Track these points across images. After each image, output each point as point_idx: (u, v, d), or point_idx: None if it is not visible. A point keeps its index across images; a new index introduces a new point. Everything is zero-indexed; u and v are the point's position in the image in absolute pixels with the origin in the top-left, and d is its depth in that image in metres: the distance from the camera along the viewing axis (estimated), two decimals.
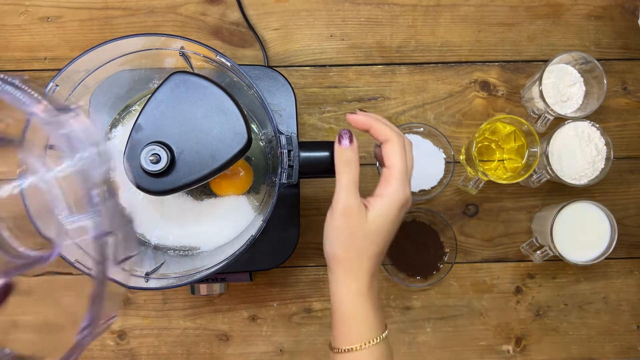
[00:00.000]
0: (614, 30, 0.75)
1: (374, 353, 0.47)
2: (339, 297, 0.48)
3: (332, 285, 0.49)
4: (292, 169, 0.49)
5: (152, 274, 0.49)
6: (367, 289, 0.48)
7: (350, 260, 0.47)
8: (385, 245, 0.48)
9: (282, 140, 0.48)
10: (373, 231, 0.47)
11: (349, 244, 0.47)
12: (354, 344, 0.47)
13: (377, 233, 0.47)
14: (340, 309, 0.48)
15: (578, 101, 0.71)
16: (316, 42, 0.74)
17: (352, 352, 0.47)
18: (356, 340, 0.47)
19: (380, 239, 0.47)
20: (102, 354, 0.74)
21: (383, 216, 0.47)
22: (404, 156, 0.48)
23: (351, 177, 0.47)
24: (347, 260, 0.47)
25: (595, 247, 0.68)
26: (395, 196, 0.47)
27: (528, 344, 0.75)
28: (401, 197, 0.47)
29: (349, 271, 0.47)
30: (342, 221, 0.46)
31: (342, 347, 0.48)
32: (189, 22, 0.74)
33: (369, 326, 0.47)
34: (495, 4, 0.75)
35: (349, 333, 0.47)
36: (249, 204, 0.58)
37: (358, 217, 0.46)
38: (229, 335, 0.74)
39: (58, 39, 0.74)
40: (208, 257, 0.54)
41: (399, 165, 0.47)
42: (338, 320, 0.48)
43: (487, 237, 0.75)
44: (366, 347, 0.47)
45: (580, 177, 0.68)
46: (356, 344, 0.47)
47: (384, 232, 0.47)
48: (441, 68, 0.75)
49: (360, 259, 0.47)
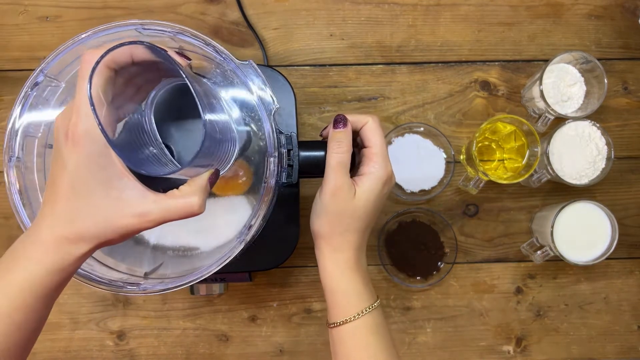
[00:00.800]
0: (614, 29, 0.75)
1: (368, 321, 0.48)
2: (327, 272, 0.50)
3: (320, 261, 0.50)
4: (292, 168, 0.49)
5: (151, 274, 0.49)
6: (353, 261, 0.49)
7: (336, 236, 0.49)
8: (371, 220, 0.50)
9: (282, 140, 0.48)
10: (360, 207, 0.48)
11: (336, 221, 0.48)
12: (348, 315, 0.48)
13: (363, 209, 0.48)
14: (330, 283, 0.49)
15: (578, 101, 0.71)
16: (316, 42, 0.74)
17: (347, 323, 0.48)
18: (350, 312, 0.48)
19: (366, 214, 0.49)
20: (102, 354, 0.74)
21: (368, 192, 0.48)
22: (382, 134, 0.50)
23: (341, 158, 0.48)
24: (333, 236, 0.49)
25: (595, 247, 0.68)
26: (379, 172, 0.49)
27: (528, 345, 0.75)
28: (383, 173, 0.49)
29: (336, 246, 0.49)
30: (331, 200, 0.48)
31: (337, 320, 0.49)
32: (188, 22, 0.74)
33: (360, 296, 0.49)
34: (496, 4, 0.74)
35: (342, 305, 0.49)
36: (248, 204, 0.58)
37: (347, 195, 0.48)
38: (228, 336, 0.74)
39: (57, 38, 0.73)
40: (207, 257, 0.54)
41: (380, 142, 0.49)
42: (329, 295, 0.50)
43: (488, 237, 0.75)
44: (359, 316, 0.48)
45: (580, 177, 0.68)
46: (350, 315, 0.48)
47: (370, 208, 0.49)
48: (441, 68, 0.74)
49: (347, 234, 0.49)
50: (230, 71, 0.47)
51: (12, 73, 0.73)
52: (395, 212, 0.73)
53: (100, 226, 0.37)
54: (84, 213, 0.37)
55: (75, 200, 0.37)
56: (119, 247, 0.49)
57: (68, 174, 0.37)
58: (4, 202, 0.73)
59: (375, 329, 0.49)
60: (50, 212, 0.38)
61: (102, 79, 0.36)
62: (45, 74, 0.46)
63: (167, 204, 0.38)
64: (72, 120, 0.36)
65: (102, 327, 0.74)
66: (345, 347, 0.48)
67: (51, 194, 0.38)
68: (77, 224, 0.37)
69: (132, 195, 0.38)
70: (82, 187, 0.37)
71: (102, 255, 0.48)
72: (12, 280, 0.37)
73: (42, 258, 0.37)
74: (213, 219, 0.56)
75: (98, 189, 0.37)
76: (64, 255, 0.38)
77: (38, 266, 0.37)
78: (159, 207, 0.38)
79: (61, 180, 0.37)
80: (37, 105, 0.46)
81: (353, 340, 0.48)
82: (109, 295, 0.74)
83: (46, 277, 0.37)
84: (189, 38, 0.45)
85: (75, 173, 0.37)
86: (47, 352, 0.74)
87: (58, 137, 0.38)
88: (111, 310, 0.74)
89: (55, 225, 0.37)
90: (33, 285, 0.37)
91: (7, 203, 0.73)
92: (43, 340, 0.74)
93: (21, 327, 0.37)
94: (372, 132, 0.50)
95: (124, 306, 0.74)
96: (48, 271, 0.37)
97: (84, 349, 0.74)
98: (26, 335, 0.38)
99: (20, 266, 0.37)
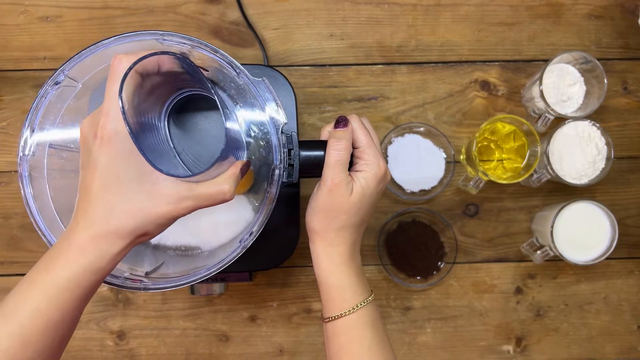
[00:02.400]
0: (614, 29, 0.75)
1: (362, 316, 0.49)
2: (321, 267, 0.50)
3: (314, 256, 0.50)
4: (293, 168, 0.49)
5: (152, 274, 0.49)
6: (347, 256, 0.50)
7: (331, 231, 0.49)
8: (365, 217, 0.50)
9: (283, 139, 0.48)
10: (355, 204, 0.48)
11: (332, 217, 0.49)
12: (342, 309, 0.49)
13: (358, 206, 0.49)
14: (325, 278, 0.50)
15: (578, 101, 0.71)
16: (316, 42, 0.74)
17: (342, 317, 0.49)
18: (344, 306, 0.49)
19: (361, 211, 0.49)
20: (102, 354, 0.74)
21: (362, 188, 0.49)
22: (365, 132, 0.50)
23: (340, 155, 0.48)
24: (328, 231, 0.49)
25: (595, 247, 0.68)
26: (373, 169, 0.49)
27: (528, 344, 0.75)
28: (376, 169, 0.49)
29: (331, 241, 0.49)
30: (328, 197, 0.48)
31: (331, 314, 0.49)
32: (188, 22, 0.74)
33: (354, 290, 0.49)
34: (496, 4, 0.75)
35: (336, 300, 0.49)
36: (248, 204, 0.58)
37: (344, 192, 0.48)
38: (228, 336, 0.74)
39: (57, 38, 0.73)
40: (208, 257, 0.54)
41: (364, 140, 0.49)
42: (324, 289, 0.50)
43: (488, 237, 0.75)
44: (354, 310, 0.48)
45: (580, 176, 0.68)
46: (345, 309, 0.48)
47: (365, 205, 0.49)
48: (441, 68, 0.74)
49: (342, 230, 0.49)
50: (244, 85, 0.48)
51: (12, 73, 0.73)
52: (395, 212, 0.74)
53: (138, 219, 0.38)
54: (118, 209, 0.38)
55: (109, 197, 0.38)
56: None
57: (100, 172, 0.38)
58: (4, 202, 0.73)
59: (370, 323, 0.49)
60: (84, 214, 0.39)
61: (132, 84, 0.37)
62: (66, 75, 0.47)
63: (199, 191, 0.40)
64: (101, 122, 0.38)
65: (102, 327, 0.74)
66: (340, 341, 0.49)
67: (85, 197, 0.39)
68: (112, 221, 0.38)
69: (165, 185, 0.39)
70: (115, 183, 0.38)
71: None
72: (50, 279, 0.38)
73: (79, 258, 0.38)
74: (213, 219, 0.56)
75: (131, 184, 0.38)
76: (102, 254, 0.38)
77: (76, 265, 0.38)
78: (193, 194, 0.39)
79: (92, 180, 0.38)
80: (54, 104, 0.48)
81: (348, 334, 0.48)
82: (109, 295, 0.74)
83: (83, 275, 0.38)
84: (206, 51, 0.46)
85: (107, 170, 0.38)
86: None
87: (86, 140, 0.39)
88: (111, 310, 0.74)
89: (90, 226, 0.38)
90: (70, 284, 0.38)
91: (7, 203, 0.73)
92: None
93: (58, 325, 0.38)
94: (356, 131, 0.50)
95: (124, 306, 0.74)
96: (85, 270, 0.38)
97: (84, 349, 0.74)
98: (62, 334, 0.39)
99: (58, 266, 0.38)
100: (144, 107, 0.40)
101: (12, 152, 0.73)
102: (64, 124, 0.48)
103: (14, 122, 0.73)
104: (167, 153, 0.44)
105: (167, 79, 0.41)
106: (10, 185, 0.73)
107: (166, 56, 0.38)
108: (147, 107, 0.41)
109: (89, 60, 0.47)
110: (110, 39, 0.46)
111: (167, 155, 0.44)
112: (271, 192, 0.48)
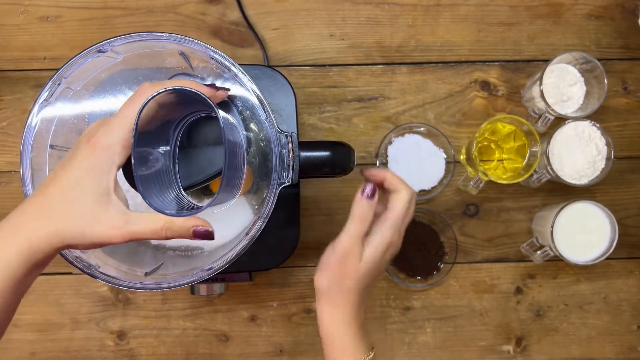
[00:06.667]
0: (614, 30, 0.75)
1: None
2: (325, 324, 0.52)
3: (318, 312, 0.53)
4: (292, 168, 0.49)
5: (152, 274, 0.49)
6: (350, 317, 0.52)
7: (336, 294, 0.51)
8: (371, 282, 0.52)
9: (282, 140, 0.48)
10: (362, 271, 0.51)
11: (338, 280, 0.51)
12: None
13: (366, 274, 0.51)
14: (327, 334, 0.52)
15: (579, 101, 0.71)
16: (316, 42, 0.74)
17: None
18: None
19: (367, 277, 0.51)
20: (101, 354, 0.74)
21: (372, 256, 0.51)
22: (406, 207, 0.52)
23: (361, 229, 0.51)
24: (332, 293, 0.51)
25: (595, 247, 0.68)
26: (386, 238, 0.51)
27: (528, 344, 0.75)
28: (389, 240, 0.51)
29: (335, 302, 0.51)
30: (337, 261, 0.50)
31: None
32: (188, 22, 0.74)
33: (353, 349, 0.51)
34: (496, 4, 0.75)
35: (337, 355, 0.52)
36: (248, 204, 0.58)
37: (355, 260, 0.50)
38: (228, 336, 0.74)
39: (57, 38, 0.73)
40: (208, 257, 0.54)
41: (400, 211, 0.51)
42: (326, 343, 0.53)
43: (488, 237, 0.75)
44: None
45: (580, 177, 0.68)
46: None
47: (373, 272, 0.51)
48: (441, 68, 0.75)
49: (347, 293, 0.51)
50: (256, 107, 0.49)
51: (12, 73, 0.73)
52: None
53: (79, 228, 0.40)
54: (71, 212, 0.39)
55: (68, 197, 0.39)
56: (120, 248, 0.49)
57: (74, 172, 0.40)
58: (4, 202, 0.73)
59: None
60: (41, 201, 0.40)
61: (150, 112, 0.40)
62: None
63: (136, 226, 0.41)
64: (99, 132, 0.40)
65: (102, 327, 0.74)
66: None
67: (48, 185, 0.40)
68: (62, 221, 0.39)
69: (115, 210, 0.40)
70: (79, 189, 0.40)
71: (103, 256, 0.48)
72: None
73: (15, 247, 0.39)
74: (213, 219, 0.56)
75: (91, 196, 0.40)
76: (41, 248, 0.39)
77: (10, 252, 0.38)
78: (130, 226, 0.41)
79: (64, 175, 0.40)
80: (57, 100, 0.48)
81: None
82: (109, 295, 0.74)
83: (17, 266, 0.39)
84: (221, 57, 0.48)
85: (78, 175, 0.40)
86: (47, 352, 0.74)
87: (81, 140, 0.41)
88: (111, 310, 0.74)
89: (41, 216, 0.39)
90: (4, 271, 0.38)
91: (7, 203, 0.73)
92: (43, 340, 0.74)
93: None
94: (398, 201, 0.52)
95: (124, 306, 0.74)
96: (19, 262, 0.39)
97: (84, 349, 0.74)
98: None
99: None
100: (150, 138, 0.42)
101: (12, 152, 0.73)
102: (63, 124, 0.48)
103: (14, 122, 0.73)
104: (168, 183, 0.45)
105: (175, 107, 0.44)
106: (10, 185, 0.73)
107: (183, 89, 0.40)
108: (154, 137, 0.43)
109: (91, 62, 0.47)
110: (123, 36, 0.47)
111: (167, 185, 0.45)
112: (271, 193, 0.48)
